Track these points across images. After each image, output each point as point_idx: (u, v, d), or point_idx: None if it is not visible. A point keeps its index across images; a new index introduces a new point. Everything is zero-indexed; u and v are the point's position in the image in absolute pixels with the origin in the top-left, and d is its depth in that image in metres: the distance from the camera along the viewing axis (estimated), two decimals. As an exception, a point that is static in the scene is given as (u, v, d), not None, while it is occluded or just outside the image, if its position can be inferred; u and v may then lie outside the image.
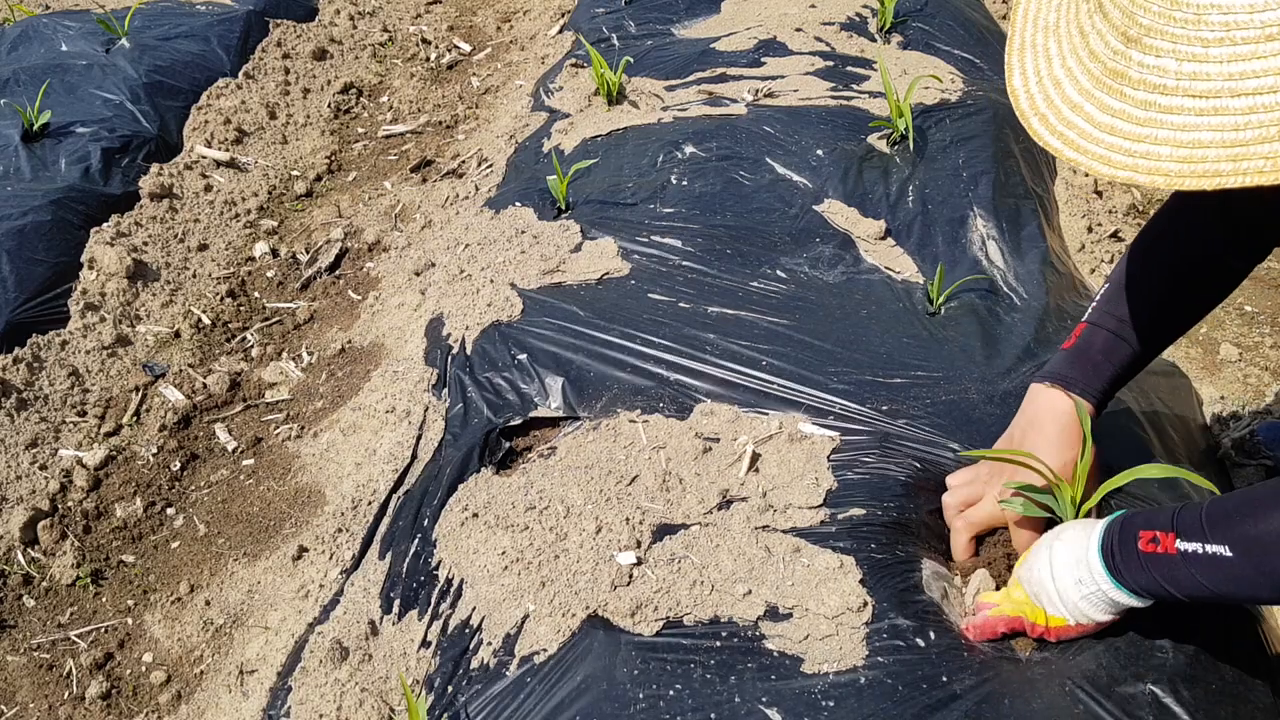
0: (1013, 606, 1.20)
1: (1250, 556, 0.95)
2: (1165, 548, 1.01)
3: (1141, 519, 1.07)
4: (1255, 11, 0.70)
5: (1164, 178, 0.75)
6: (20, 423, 2.07)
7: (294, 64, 3.63)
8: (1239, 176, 0.71)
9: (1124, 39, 0.78)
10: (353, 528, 1.71)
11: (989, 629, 1.22)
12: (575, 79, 3.07)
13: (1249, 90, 0.70)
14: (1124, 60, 0.78)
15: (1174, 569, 1.01)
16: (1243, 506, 0.99)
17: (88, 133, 2.87)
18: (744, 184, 2.28)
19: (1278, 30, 0.69)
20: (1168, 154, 0.75)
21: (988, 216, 2.14)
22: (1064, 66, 0.85)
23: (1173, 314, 1.30)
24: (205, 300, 2.54)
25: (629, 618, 1.28)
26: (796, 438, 1.54)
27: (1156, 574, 1.03)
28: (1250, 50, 0.71)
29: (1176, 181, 0.74)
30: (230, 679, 1.57)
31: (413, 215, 2.84)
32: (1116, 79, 0.79)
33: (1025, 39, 0.92)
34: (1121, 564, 1.06)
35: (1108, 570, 1.07)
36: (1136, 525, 1.07)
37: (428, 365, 1.98)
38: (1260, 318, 2.18)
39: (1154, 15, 0.75)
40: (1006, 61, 0.93)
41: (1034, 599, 1.17)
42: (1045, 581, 1.14)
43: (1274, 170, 0.70)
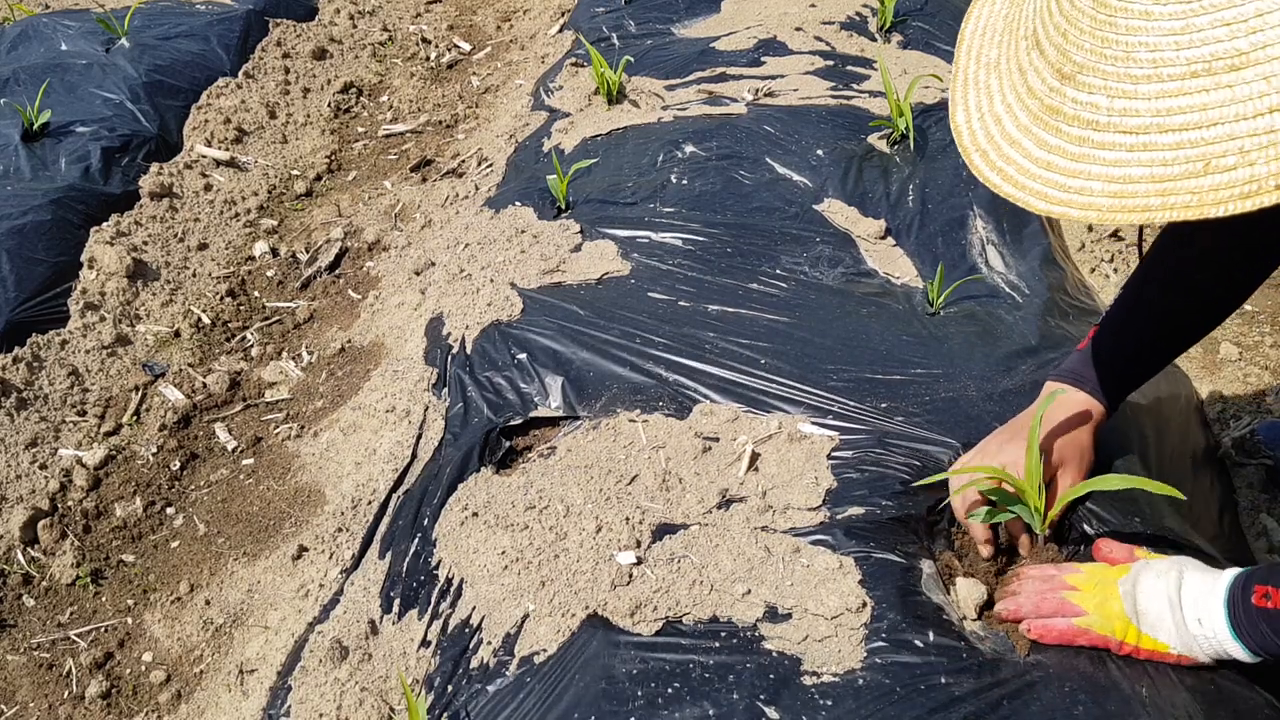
0: (1105, 623, 1.14)
1: None
2: (1276, 603, 1.01)
3: (1261, 574, 1.06)
4: (1180, 49, 0.71)
5: (1096, 213, 0.76)
6: (20, 422, 2.07)
7: (294, 63, 3.62)
8: (1166, 211, 0.72)
9: (1059, 76, 0.79)
10: (353, 527, 1.71)
11: (1067, 639, 1.17)
12: (575, 78, 3.07)
13: (1176, 126, 0.71)
14: (1059, 97, 0.79)
15: None
16: None
17: (88, 132, 2.87)
18: (744, 183, 2.28)
19: (1202, 68, 0.70)
20: (1100, 189, 0.76)
21: (988, 216, 2.14)
22: (1004, 103, 0.86)
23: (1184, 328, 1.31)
24: (205, 300, 2.54)
25: (628, 617, 1.28)
26: (796, 437, 1.54)
27: (1269, 629, 1.02)
28: (1177, 87, 0.71)
29: (1109, 217, 0.75)
30: (230, 678, 1.57)
31: (413, 215, 2.84)
32: (1053, 115, 0.80)
33: (968, 75, 0.93)
34: (1240, 618, 1.05)
35: (1230, 621, 1.05)
36: (1255, 580, 1.05)
37: (428, 364, 1.98)
38: (1260, 317, 2.18)
39: (1086, 53, 0.76)
40: (950, 97, 0.94)
41: (1132, 616, 1.13)
42: (1164, 609, 1.10)
43: (1199, 205, 0.70)
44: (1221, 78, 0.69)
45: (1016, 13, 0.89)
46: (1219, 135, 0.70)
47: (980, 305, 1.90)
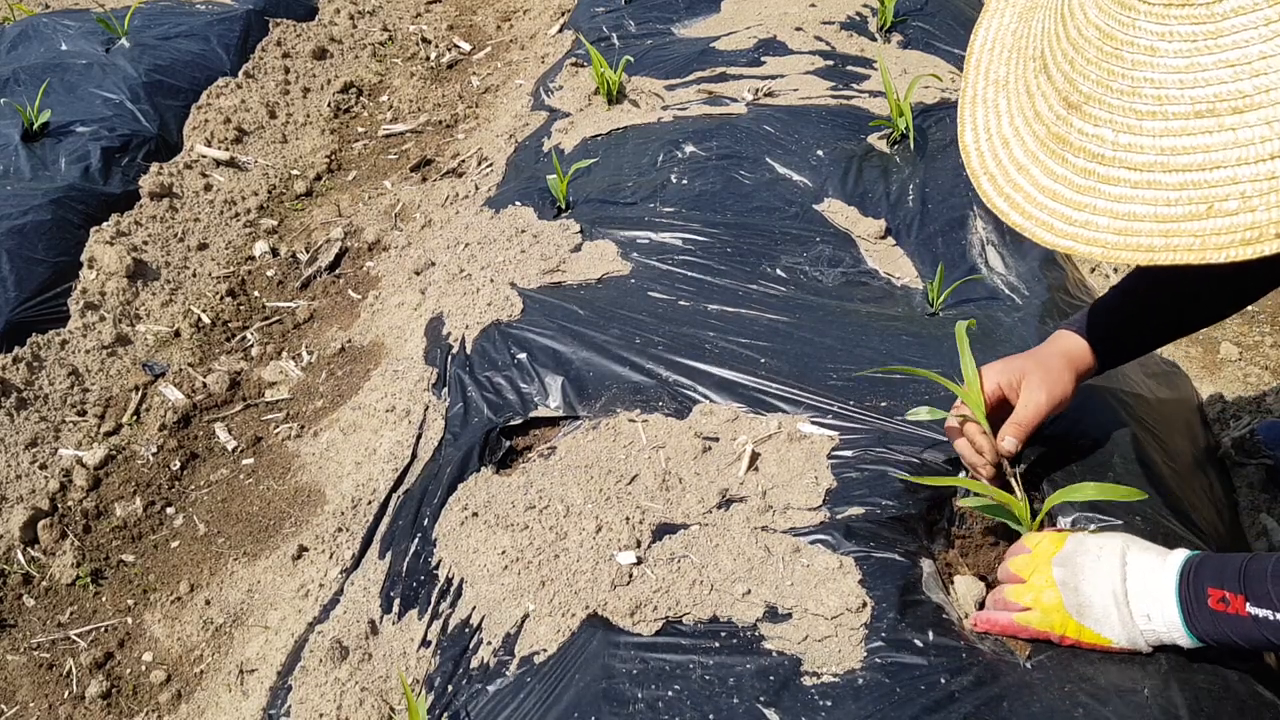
0: (1044, 619, 1.14)
1: None
2: (1235, 609, 1.00)
3: (1210, 572, 1.05)
4: (1185, 88, 0.70)
5: (1101, 249, 0.76)
6: (20, 422, 2.07)
7: (294, 63, 3.62)
8: (1169, 253, 0.72)
9: (1065, 104, 0.79)
10: (353, 527, 1.71)
11: (1009, 633, 1.18)
12: (575, 78, 3.07)
13: (1180, 166, 0.71)
14: (1065, 126, 0.79)
15: (1246, 629, 1.01)
16: None
17: (87, 132, 2.88)
18: (744, 183, 2.28)
19: (1206, 108, 0.69)
20: (1105, 224, 0.76)
21: (988, 216, 2.14)
22: (1012, 125, 0.86)
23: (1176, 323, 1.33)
24: (205, 299, 2.54)
25: (628, 617, 1.28)
26: (796, 437, 1.54)
27: (1228, 630, 1.02)
28: (1181, 126, 0.71)
29: (1113, 254, 0.75)
30: (230, 678, 1.57)
31: (413, 214, 2.84)
32: (1059, 144, 0.79)
33: (977, 91, 0.93)
34: (1195, 617, 1.04)
35: (1184, 620, 1.05)
36: (1205, 579, 1.04)
37: (428, 364, 1.98)
38: (1260, 317, 2.18)
39: (1093, 83, 0.76)
40: (959, 114, 0.94)
41: (1073, 610, 1.12)
42: (1109, 604, 1.10)
43: (1202, 248, 0.70)
44: (1225, 120, 0.69)
45: (1025, 30, 0.88)
46: (1221, 179, 0.69)
47: (980, 306, 1.90)
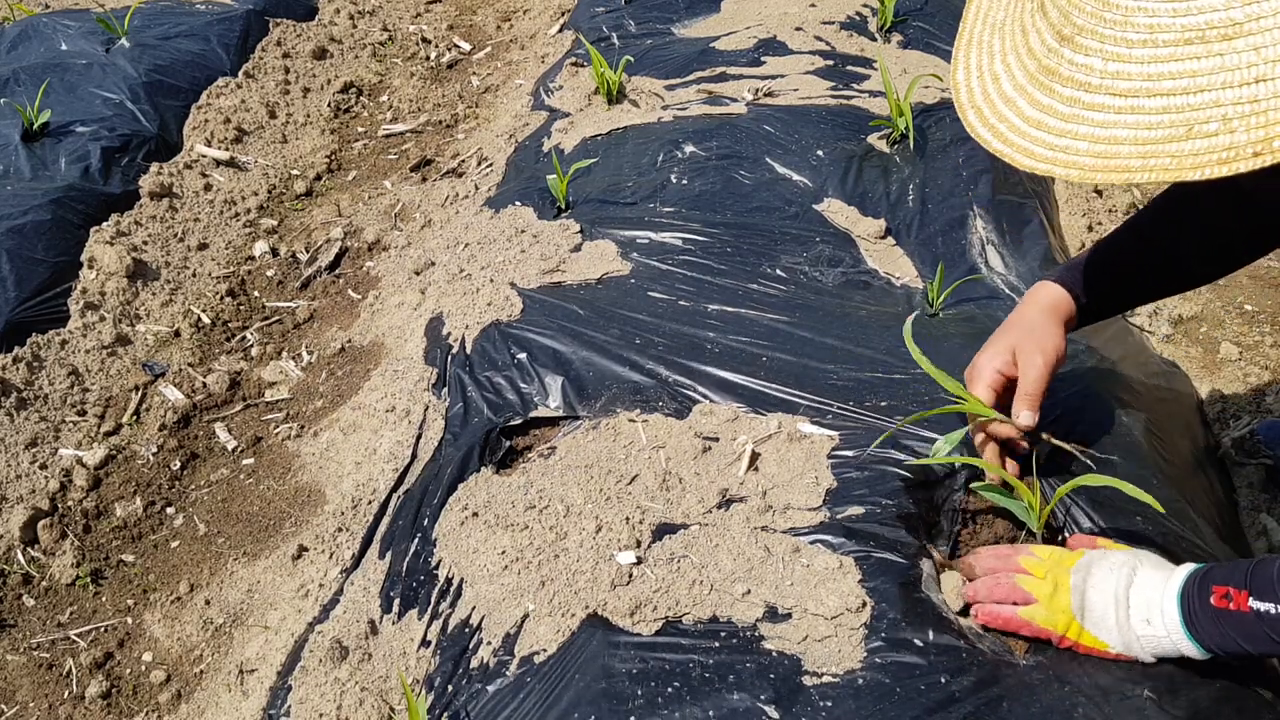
0: (1050, 616, 1.15)
1: None
2: (1238, 605, 1.01)
3: (1219, 574, 1.06)
4: (1177, 16, 0.72)
5: (1079, 171, 0.78)
6: (20, 422, 2.07)
7: (294, 63, 3.62)
8: (1146, 173, 0.74)
9: (1058, 37, 0.81)
10: (353, 527, 1.71)
11: (1012, 627, 1.18)
12: (575, 78, 3.07)
13: (1164, 91, 0.73)
14: (1056, 58, 0.81)
15: (1247, 626, 1.01)
16: None
17: (87, 132, 2.87)
18: (744, 183, 2.28)
19: (1196, 35, 0.72)
20: (1085, 149, 0.78)
21: (988, 216, 2.14)
22: (1003, 62, 0.88)
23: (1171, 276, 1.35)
24: (205, 299, 2.55)
25: (628, 617, 1.28)
26: (796, 437, 1.54)
27: (1229, 629, 1.02)
28: (1169, 53, 0.73)
29: (1090, 176, 0.78)
30: (230, 678, 1.57)
31: (412, 214, 2.84)
32: (1048, 76, 0.82)
33: (974, 34, 0.95)
34: (1198, 618, 1.05)
35: (1184, 621, 1.06)
36: (1212, 580, 1.05)
37: (428, 364, 1.98)
38: (1260, 317, 2.18)
39: (1087, 15, 0.78)
40: (954, 55, 0.96)
41: (1078, 612, 1.13)
42: (1109, 607, 1.11)
43: (1178, 168, 0.72)
44: (1214, 45, 0.71)
45: None
46: (1204, 101, 0.71)
47: (980, 305, 1.91)
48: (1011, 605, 1.18)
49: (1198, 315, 2.18)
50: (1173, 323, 2.15)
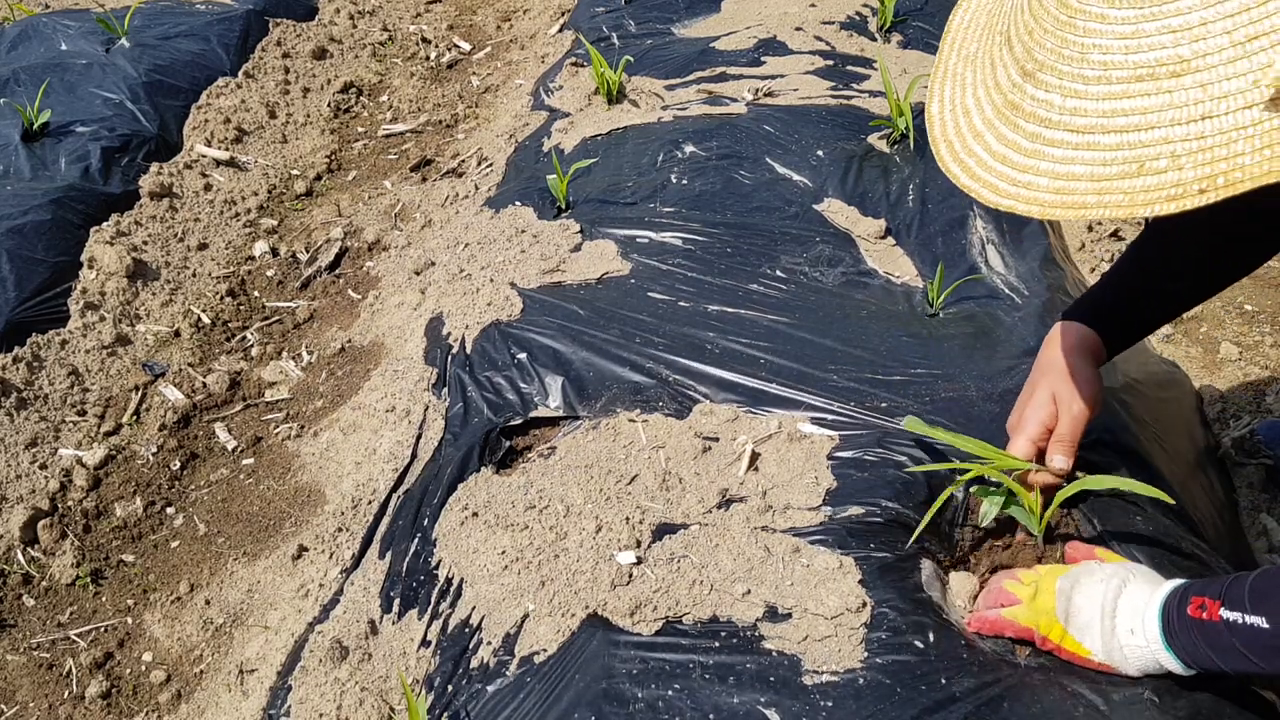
0: (1031, 615, 1.16)
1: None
2: (1210, 615, 1.01)
3: (1198, 585, 1.06)
4: (1129, 53, 0.74)
5: (1039, 207, 0.80)
6: (20, 422, 2.07)
7: (294, 63, 3.62)
8: (1101, 209, 0.75)
9: (1022, 73, 0.82)
10: (353, 527, 1.71)
11: (997, 629, 1.20)
12: (575, 78, 3.07)
13: (1118, 128, 0.74)
14: (1020, 93, 0.83)
15: (1217, 636, 1.01)
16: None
17: (87, 132, 2.87)
18: (744, 183, 2.28)
19: (1146, 72, 0.73)
20: (1045, 184, 0.79)
21: (987, 216, 2.14)
22: (974, 96, 0.90)
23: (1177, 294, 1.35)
24: (205, 299, 2.54)
25: (628, 617, 1.28)
26: (796, 437, 1.54)
27: (1200, 640, 1.02)
28: (1122, 89, 0.74)
29: (1050, 211, 0.79)
30: (230, 678, 1.57)
31: (412, 214, 2.84)
32: (1013, 111, 0.83)
33: (948, 67, 0.97)
34: (1174, 628, 1.05)
35: (1163, 632, 1.06)
36: (1193, 591, 1.05)
37: (428, 364, 1.98)
38: (1260, 317, 2.18)
39: (1047, 52, 0.79)
40: (930, 87, 0.98)
41: (1062, 616, 1.13)
42: (1095, 614, 1.11)
43: (1130, 204, 0.74)
44: (1163, 83, 0.72)
45: (999, 8, 0.92)
46: (1155, 138, 0.73)
47: (980, 305, 1.90)
48: (997, 608, 1.20)
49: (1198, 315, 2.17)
50: (1172, 323, 2.15)
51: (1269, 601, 0.98)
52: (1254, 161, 0.68)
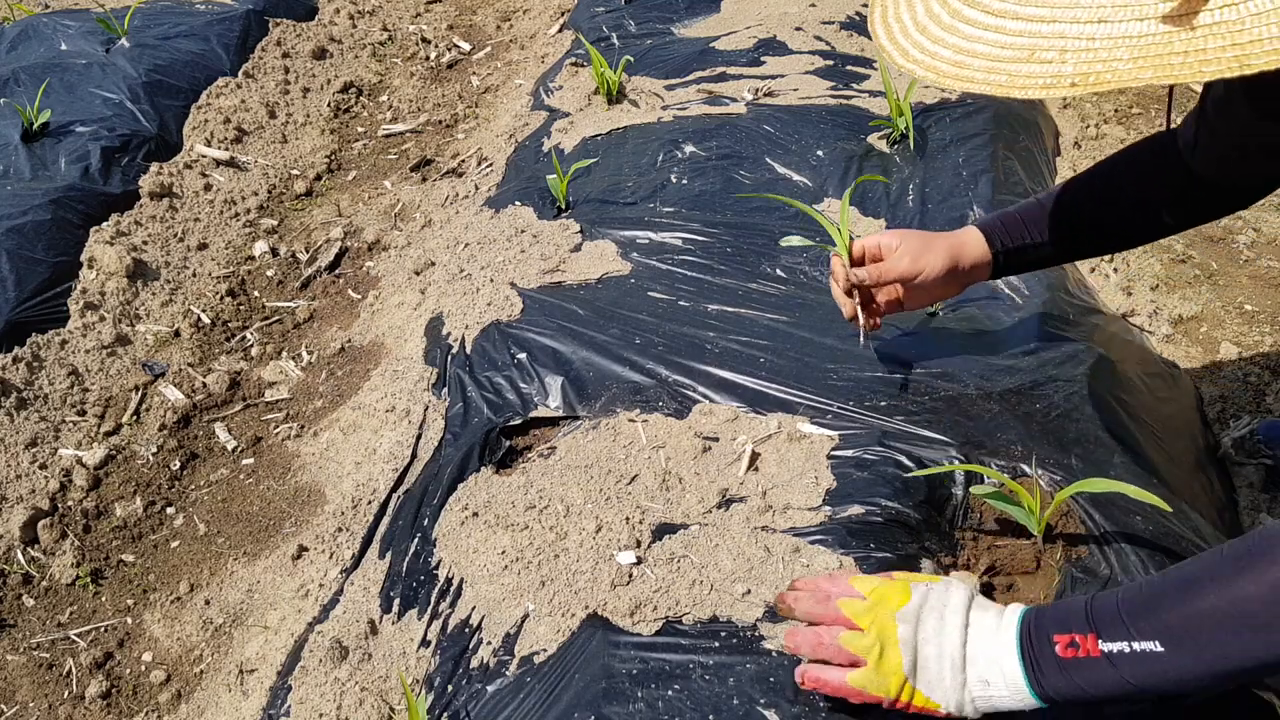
0: (881, 681, 1.03)
1: (1183, 648, 0.88)
2: (1087, 650, 0.93)
3: (1052, 619, 0.99)
4: None
5: (935, 75, 0.84)
6: (20, 422, 2.07)
7: (294, 63, 3.62)
8: (985, 86, 0.81)
9: None
10: (353, 527, 1.71)
11: (841, 694, 1.06)
12: (575, 78, 3.07)
13: (1025, 16, 0.78)
14: None
15: (1098, 672, 0.93)
16: (1161, 593, 0.93)
17: (87, 132, 2.87)
18: (744, 183, 2.28)
19: None
20: (947, 56, 0.84)
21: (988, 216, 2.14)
22: None
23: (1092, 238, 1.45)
24: (205, 299, 2.55)
25: (628, 617, 1.28)
26: (796, 436, 1.54)
27: (1078, 679, 0.95)
28: None
29: (942, 80, 0.84)
30: (230, 678, 1.57)
31: (412, 214, 2.84)
32: None
33: None
34: (1042, 672, 0.97)
35: (1028, 679, 0.97)
36: (1049, 628, 0.98)
37: (427, 364, 1.98)
38: (1260, 316, 2.18)
39: None
40: None
41: (909, 669, 1.02)
42: (944, 669, 1.02)
43: (1009, 86, 0.79)
44: None
45: None
46: (1052, 32, 0.77)
47: (980, 305, 1.90)
48: (839, 669, 1.06)
49: (1198, 315, 2.18)
50: (1173, 323, 2.15)
51: (1154, 620, 0.91)
52: (1126, 69, 0.72)
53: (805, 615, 1.12)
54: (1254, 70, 0.67)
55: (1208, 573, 0.90)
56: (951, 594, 1.06)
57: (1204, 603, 0.88)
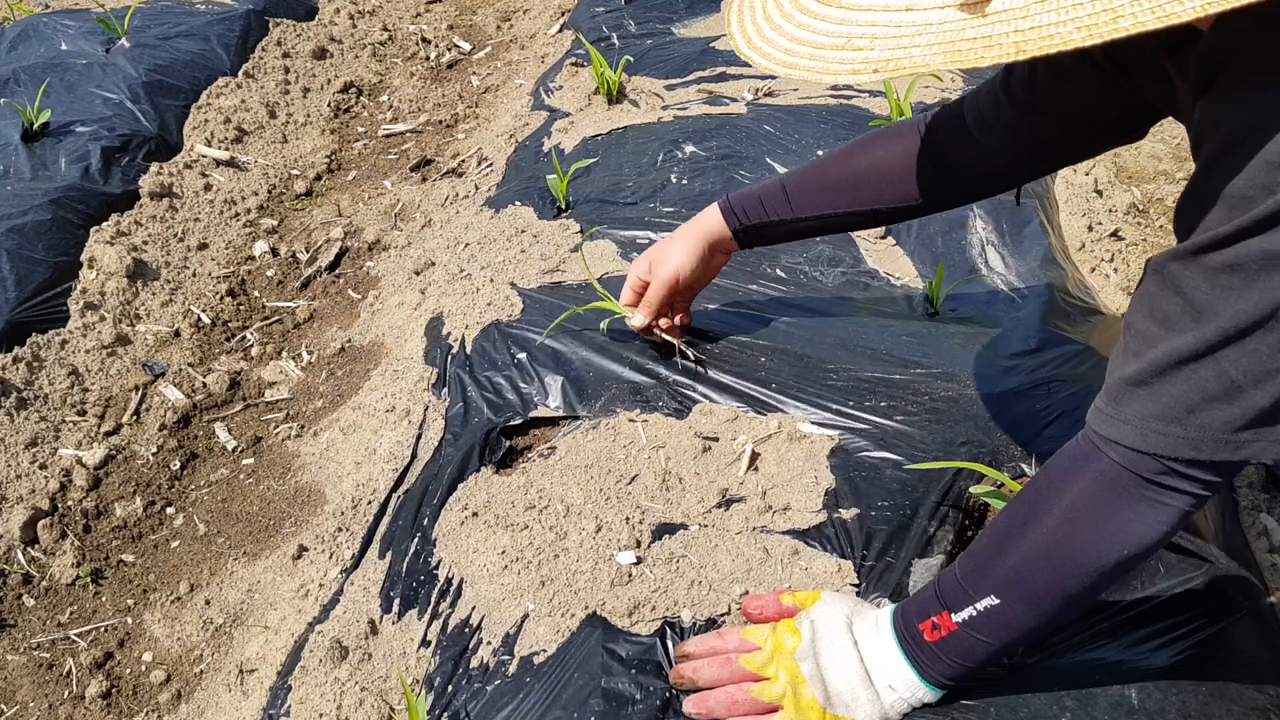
0: (798, 716, 1.08)
1: (1014, 595, 0.98)
2: (947, 627, 1.02)
3: (914, 610, 1.07)
4: None
5: (769, 61, 0.85)
6: (20, 422, 2.07)
7: (294, 63, 3.63)
8: (805, 71, 0.82)
9: None
10: (353, 527, 1.71)
11: None
12: (575, 78, 3.07)
13: (849, 5, 0.80)
14: None
15: (963, 643, 1.02)
16: (983, 554, 1.03)
17: (87, 132, 2.87)
18: (744, 183, 2.28)
19: None
20: (781, 43, 0.85)
21: (988, 216, 2.14)
22: None
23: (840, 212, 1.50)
24: (205, 299, 2.55)
25: (626, 617, 1.29)
26: (796, 437, 1.54)
27: (952, 657, 1.03)
28: None
29: (772, 68, 0.85)
30: (230, 678, 1.57)
31: (413, 214, 2.84)
32: None
33: None
34: (924, 663, 1.05)
35: (918, 674, 1.05)
36: (914, 619, 1.06)
37: (427, 364, 1.98)
38: (1260, 317, 2.18)
39: None
40: None
41: (824, 701, 1.08)
42: (856, 689, 1.07)
43: (825, 70, 0.80)
44: None
45: None
46: (864, 20, 0.79)
47: (980, 305, 1.90)
48: (753, 715, 1.12)
49: (1198, 315, 2.17)
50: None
51: (982, 577, 1.01)
52: (920, 55, 0.74)
53: (711, 682, 1.15)
54: (1028, 56, 0.69)
55: (1008, 526, 1.02)
56: (830, 615, 1.13)
57: (1013, 556, 0.99)
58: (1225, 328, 0.81)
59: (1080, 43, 0.68)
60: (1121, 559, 0.94)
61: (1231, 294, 0.79)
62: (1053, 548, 0.96)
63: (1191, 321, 0.83)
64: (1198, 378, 0.84)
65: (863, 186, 1.45)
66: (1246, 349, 0.80)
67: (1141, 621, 1.20)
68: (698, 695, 1.15)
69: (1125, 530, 0.93)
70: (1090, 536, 0.94)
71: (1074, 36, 0.68)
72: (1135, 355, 0.89)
